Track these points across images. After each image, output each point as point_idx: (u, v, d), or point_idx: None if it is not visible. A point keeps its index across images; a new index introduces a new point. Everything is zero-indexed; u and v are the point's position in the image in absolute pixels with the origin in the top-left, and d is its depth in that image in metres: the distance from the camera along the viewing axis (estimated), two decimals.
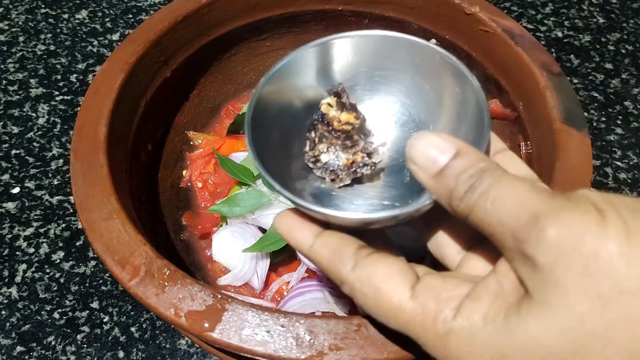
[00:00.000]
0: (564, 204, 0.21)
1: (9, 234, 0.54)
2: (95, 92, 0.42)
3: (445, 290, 0.24)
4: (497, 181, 0.22)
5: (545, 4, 0.80)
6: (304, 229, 0.28)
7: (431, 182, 0.24)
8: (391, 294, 0.25)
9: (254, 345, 0.29)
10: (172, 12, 0.48)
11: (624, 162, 0.62)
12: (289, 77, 0.32)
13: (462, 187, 0.23)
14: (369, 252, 0.26)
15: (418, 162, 0.24)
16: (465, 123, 0.30)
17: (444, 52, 0.30)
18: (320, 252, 0.27)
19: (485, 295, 0.23)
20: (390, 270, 0.25)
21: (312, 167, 0.32)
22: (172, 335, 0.48)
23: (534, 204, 0.21)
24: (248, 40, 0.56)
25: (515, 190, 0.22)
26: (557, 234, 0.20)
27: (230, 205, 0.47)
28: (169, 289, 0.31)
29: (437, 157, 0.23)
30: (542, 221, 0.20)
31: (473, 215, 0.23)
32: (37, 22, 0.74)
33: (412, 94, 0.33)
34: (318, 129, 0.32)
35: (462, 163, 0.23)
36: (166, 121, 0.53)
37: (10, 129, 0.62)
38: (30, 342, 0.48)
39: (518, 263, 0.22)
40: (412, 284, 0.25)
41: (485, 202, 0.22)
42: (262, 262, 0.47)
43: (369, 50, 0.32)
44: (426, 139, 0.24)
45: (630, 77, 0.70)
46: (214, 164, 0.54)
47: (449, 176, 0.23)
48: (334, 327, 0.30)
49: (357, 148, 0.32)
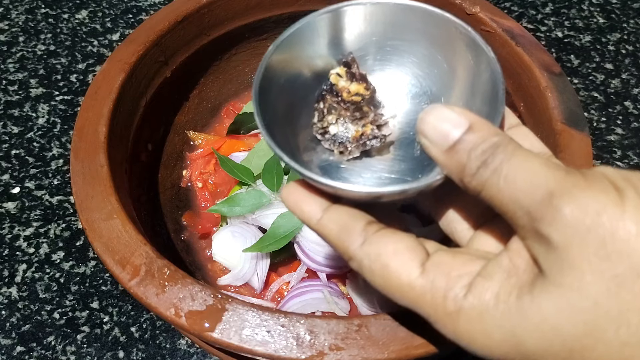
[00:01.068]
0: (579, 182, 0.20)
1: (9, 234, 0.54)
2: (95, 92, 0.42)
3: (455, 267, 0.24)
4: (511, 157, 0.22)
5: (546, 4, 0.80)
6: (312, 203, 0.27)
7: (442, 157, 0.23)
8: (400, 271, 0.24)
9: (254, 345, 0.29)
10: (172, 12, 0.48)
11: (624, 162, 0.62)
12: (297, 46, 0.31)
13: (475, 162, 0.22)
14: (378, 227, 0.26)
15: (429, 136, 0.23)
16: (479, 96, 0.29)
17: (459, 21, 0.29)
18: (329, 227, 0.27)
19: (498, 273, 0.22)
20: (399, 246, 0.25)
21: (321, 139, 0.31)
22: (172, 335, 0.48)
23: (549, 181, 0.20)
24: (248, 40, 0.56)
25: (528, 166, 0.21)
26: (572, 213, 0.20)
27: (231, 205, 0.47)
28: (169, 289, 0.31)
29: (449, 131, 0.23)
30: (557, 199, 0.20)
31: (485, 192, 0.22)
32: (37, 22, 0.74)
33: (424, 65, 0.32)
34: (327, 100, 0.31)
35: (475, 138, 0.22)
36: (166, 121, 0.53)
37: (10, 129, 0.62)
38: (30, 342, 0.48)
39: (532, 241, 0.21)
40: (422, 261, 0.24)
41: (498, 179, 0.22)
42: (262, 262, 0.47)
43: (381, 18, 0.31)
44: (438, 112, 0.23)
45: (631, 77, 0.70)
46: (214, 164, 0.54)
47: (461, 151, 0.23)
48: (334, 327, 0.30)
49: (366, 120, 0.31)
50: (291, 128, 0.31)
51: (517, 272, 0.22)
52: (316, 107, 0.31)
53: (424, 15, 0.30)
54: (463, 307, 0.22)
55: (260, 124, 0.27)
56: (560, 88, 0.43)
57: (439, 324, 0.23)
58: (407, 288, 0.24)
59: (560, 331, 0.20)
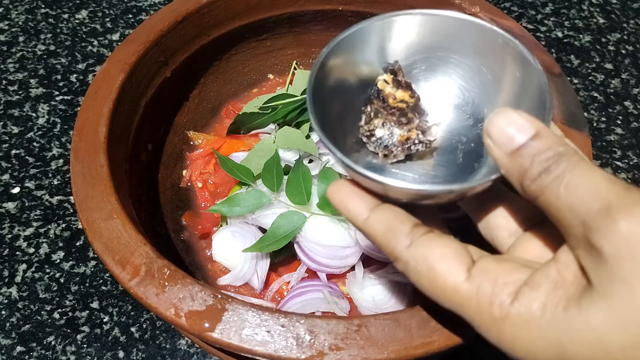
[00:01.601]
0: (638, 199, 0.21)
1: (9, 234, 0.54)
2: (95, 92, 0.42)
3: (501, 274, 0.24)
4: (574, 167, 0.22)
5: (546, 4, 0.80)
6: (359, 201, 0.28)
7: (505, 159, 0.24)
8: (446, 275, 0.25)
9: (254, 345, 0.29)
10: (172, 12, 0.48)
11: (624, 162, 0.62)
12: (349, 50, 0.31)
13: (537, 168, 0.23)
14: (424, 231, 0.26)
15: (495, 138, 0.24)
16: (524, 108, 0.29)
17: (506, 35, 0.30)
18: (375, 227, 0.27)
19: (545, 284, 0.23)
20: (446, 251, 0.25)
21: (366, 141, 0.32)
22: (172, 335, 0.48)
23: (608, 194, 0.21)
24: (248, 40, 0.56)
25: (591, 177, 0.22)
26: (628, 227, 0.20)
27: (231, 205, 0.47)
28: (169, 289, 0.31)
29: (515, 135, 0.23)
30: (615, 212, 0.20)
31: (543, 198, 0.23)
32: (37, 22, 0.74)
33: (469, 76, 0.33)
34: (374, 104, 0.32)
35: (540, 144, 0.23)
36: (166, 121, 0.53)
37: (10, 129, 0.62)
38: (30, 342, 0.48)
39: (583, 252, 0.22)
40: (468, 266, 0.25)
41: (559, 186, 0.22)
42: (262, 262, 0.47)
43: (429, 29, 0.32)
44: (507, 116, 0.24)
45: (630, 77, 0.70)
46: (214, 164, 0.54)
47: (524, 155, 0.23)
48: (334, 327, 0.30)
49: (411, 125, 0.32)
50: (338, 129, 0.32)
51: (564, 284, 0.23)
52: (363, 110, 0.32)
53: (472, 28, 0.31)
54: (510, 313, 0.23)
55: (314, 121, 0.28)
56: (560, 88, 0.43)
57: (483, 328, 0.24)
58: (453, 292, 0.24)
59: (606, 342, 0.20)
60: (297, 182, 0.46)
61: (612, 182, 0.21)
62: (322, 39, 0.58)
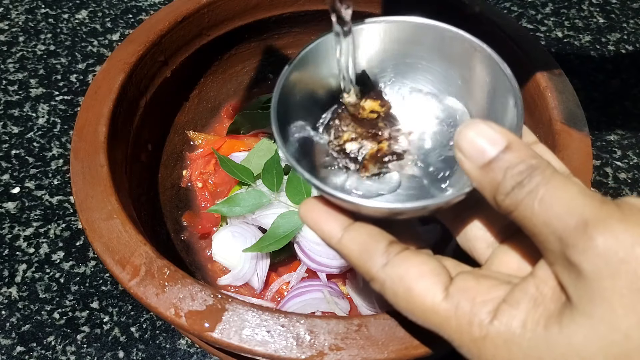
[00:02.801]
0: (614, 213, 0.20)
1: (9, 234, 0.54)
2: (95, 92, 0.42)
3: (480, 292, 0.24)
4: (548, 180, 0.22)
5: (545, 4, 0.80)
6: (332, 221, 0.27)
7: (477, 173, 0.23)
8: (424, 294, 0.24)
9: (254, 345, 0.29)
10: (172, 12, 0.48)
11: (624, 162, 0.62)
12: (313, 64, 0.31)
13: (510, 182, 0.22)
14: (400, 248, 0.26)
15: (465, 151, 0.23)
16: (497, 113, 0.29)
17: (473, 39, 0.29)
18: (350, 247, 0.26)
19: (524, 301, 0.22)
20: (422, 269, 0.25)
21: (337, 156, 0.31)
22: (172, 335, 0.48)
23: (584, 210, 0.20)
24: (248, 40, 0.56)
25: (565, 192, 0.21)
26: (605, 243, 0.19)
27: (230, 205, 0.47)
28: (169, 289, 0.31)
29: (486, 148, 0.23)
30: (591, 229, 0.20)
31: (518, 213, 0.22)
32: (37, 22, 0.74)
33: (439, 82, 0.32)
34: (342, 118, 0.31)
35: (512, 157, 0.22)
36: (166, 121, 0.53)
37: (10, 129, 0.62)
38: (30, 342, 0.48)
39: (561, 268, 0.21)
40: (446, 285, 0.24)
41: (533, 201, 0.21)
42: (262, 262, 0.47)
43: (395, 37, 0.31)
44: (477, 128, 0.23)
45: (630, 77, 0.70)
46: (214, 164, 0.54)
47: (496, 169, 0.23)
48: (334, 327, 0.30)
49: (382, 137, 0.31)
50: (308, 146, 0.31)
51: (543, 300, 0.22)
52: (332, 125, 0.32)
53: (439, 33, 0.30)
54: (489, 333, 0.22)
55: (279, 141, 0.27)
56: (560, 88, 0.43)
57: (464, 348, 0.23)
58: (431, 312, 0.24)
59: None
60: (297, 182, 0.46)
61: (587, 196, 0.21)
62: None
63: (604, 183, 0.60)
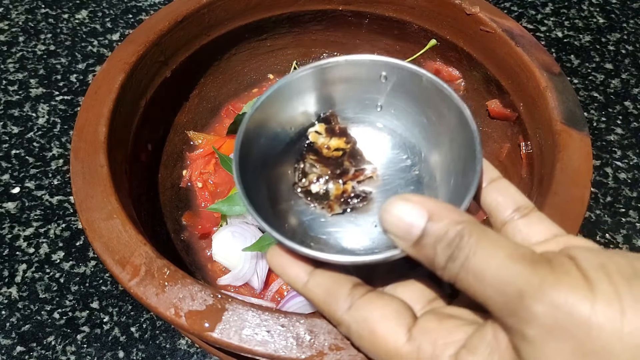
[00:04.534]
0: (547, 278, 0.20)
1: (9, 234, 0.54)
2: (95, 92, 0.42)
3: (441, 335, 0.24)
4: (475, 249, 0.22)
5: (545, 4, 0.80)
6: (296, 267, 0.28)
7: (412, 251, 0.24)
8: (387, 336, 0.24)
9: (254, 345, 0.29)
10: (172, 12, 0.48)
11: (624, 162, 0.62)
12: (277, 105, 0.31)
13: (442, 257, 0.22)
14: (364, 291, 0.26)
15: (394, 233, 0.24)
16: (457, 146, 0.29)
17: (434, 78, 0.30)
18: (314, 292, 0.27)
19: (481, 348, 0.23)
20: (385, 311, 0.25)
21: (303, 197, 0.32)
22: (172, 335, 0.48)
23: (516, 279, 0.20)
24: (248, 40, 0.56)
25: (494, 261, 0.21)
26: (544, 310, 0.20)
27: (230, 204, 0.47)
28: (169, 289, 0.31)
29: (410, 227, 0.23)
30: (527, 300, 0.20)
31: (459, 285, 0.22)
32: (37, 22, 0.74)
33: (402, 117, 0.33)
34: (307, 159, 0.32)
35: (437, 228, 0.22)
36: (166, 121, 0.53)
37: (10, 129, 0.62)
38: (30, 342, 0.48)
39: (509, 331, 0.22)
40: (409, 326, 0.24)
41: (467, 275, 0.22)
42: (262, 262, 0.47)
43: (357, 75, 0.32)
44: (396, 207, 0.23)
45: (630, 77, 0.70)
46: (214, 164, 0.54)
47: (427, 246, 0.23)
48: (334, 327, 0.30)
49: (347, 176, 0.32)
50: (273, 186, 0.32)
51: (499, 349, 0.22)
52: (296, 167, 0.32)
53: (400, 71, 0.31)
54: None
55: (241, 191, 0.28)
56: (560, 88, 0.43)
57: None
58: (394, 354, 0.24)
59: None
60: None
61: (516, 260, 0.21)
62: (322, 39, 0.58)
63: (604, 183, 0.60)
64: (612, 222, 0.57)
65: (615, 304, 0.19)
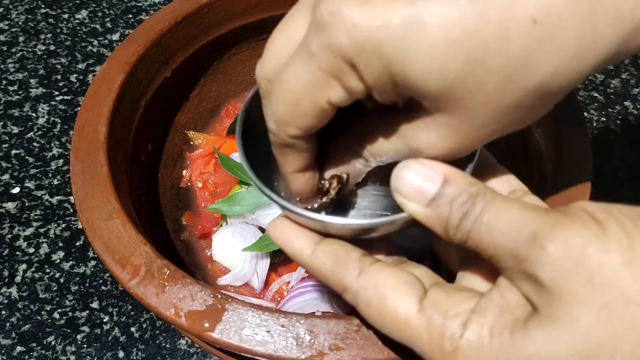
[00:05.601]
0: (560, 220, 0.21)
1: (9, 234, 0.54)
2: (95, 92, 0.42)
3: (452, 306, 0.24)
4: (489, 204, 0.22)
5: None
6: (303, 237, 0.27)
7: (423, 212, 0.23)
8: (398, 305, 0.24)
9: (254, 345, 0.29)
10: (172, 12, 0.48)
11: (624, 162, 0.62)
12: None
13: (457, 214, 0.23)
14: (373, 260, 0.26)
15: (406, 194, 0.24)
16: None
17: None
18: (322, 259, 0.26)
19: (491, 309, 0.23)
20: (397, 280, 0.25)
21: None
22: (172, 335, 0.48)
23: (530, 223, 0.21)
24: (248, 40, 0.56)
25: (508, 211, 0.22)
26: (557, 250, 0.20)
27: (230, 204, 0.47)
28: (169, 289, 0.31)
29: (426, 187, 0.23)
30: (541, 239, 0.20)
31: (470, 241, 0.23)
32: (37, 22, 0.74)
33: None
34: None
35: (453, 190, 0.23)
36: (166, 121, 0.53)
37: (10, 129, 0.62)
38: (30, 342, 0.48)
39: (520, 281, 0.22)
40: (420, 297, 0.24)
41: (480, 227, 0.22)
42: (262, 262, 0.47)
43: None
44: (411, 169, 0.23)
45: (630, 77, 0.70)
46: (214, 164, 0.54)
47: (442, 205, 0.23)
48: (334, 327, 0.30)
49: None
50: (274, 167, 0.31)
51: (509, 307, 0.22)
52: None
53: None
54: (460, 345, 0.23)
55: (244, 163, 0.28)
56: None
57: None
58: (404, 324, 0.24)
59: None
60: None
61: (530, 210, 0.21)
62: None
63: (604, 183, 0.60)
64: None
65: (624, 240, 0.20)
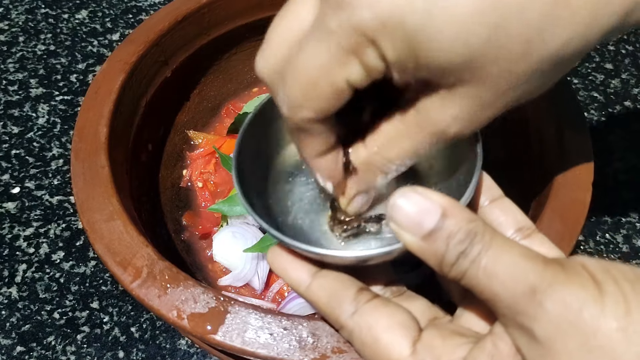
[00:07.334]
0: (559, 276, 0.20)
1: (9, 234, 0.54)
2: (96, 92, 0.41)
3: (445, 352, 0.24)
4: (488, 247, 0.21)
5: None
6: (299, 268, 0.27)
7: (418, 245, 0.23)
8: (391, 347, 0.24)
9: (256, 347, 0.29)
10: (172, 12, 0.48)
11: (624, 162, 0.62)
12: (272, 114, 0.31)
13: (453, 252, 0.22)
14: (369, 296, 0.26)
15: (401, 224, 0.23)
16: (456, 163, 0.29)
17: None
18: (318, 294, 0.26)
19: (482, 357, 0.23)
20: (392, 321, 0.25)
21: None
22: (172, 336, 0.48)
23: (528, 275, 0.20)
24: (249, 39, 0.56)
25: (507, 258, 0.21)
26: (554, 309, 0.20)
27: (231, 204, 0.47)
28: (172, 291, 0.31)
29: (423, 219, 0.22)
30: (539, 295, 0.20)
31: (465, 281, 0.22)
32: (37, 22, 0.73)
33: None
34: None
35: (451, 225, 0.22)
36: (166, 121, 0.53)
37: (10, 129, 0.62)
38: (30, 342, 0.48)
39: (514, 331, 0.22)
40: (414, 340, 0.24)
41: (477, 271, 0.21)
42: (263, 263, 0.47)
43: None
44: (410, 199, 0.22)
45: (630, 77, 0.70)
46: (214, 164, 0.54)
47: (439, 240, 0.22)
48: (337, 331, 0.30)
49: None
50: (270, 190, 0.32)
51: (500, 356, 0.22)
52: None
53: None
54: None
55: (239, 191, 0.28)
56: (560, 88, 0.43)
57: None
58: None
59: None
60: None
61: (529, 258, 0.21)
62: None
63: (604, 184, 0.60)
64: (612, 222, 0.57)
65: (621, 304, 0.19)
